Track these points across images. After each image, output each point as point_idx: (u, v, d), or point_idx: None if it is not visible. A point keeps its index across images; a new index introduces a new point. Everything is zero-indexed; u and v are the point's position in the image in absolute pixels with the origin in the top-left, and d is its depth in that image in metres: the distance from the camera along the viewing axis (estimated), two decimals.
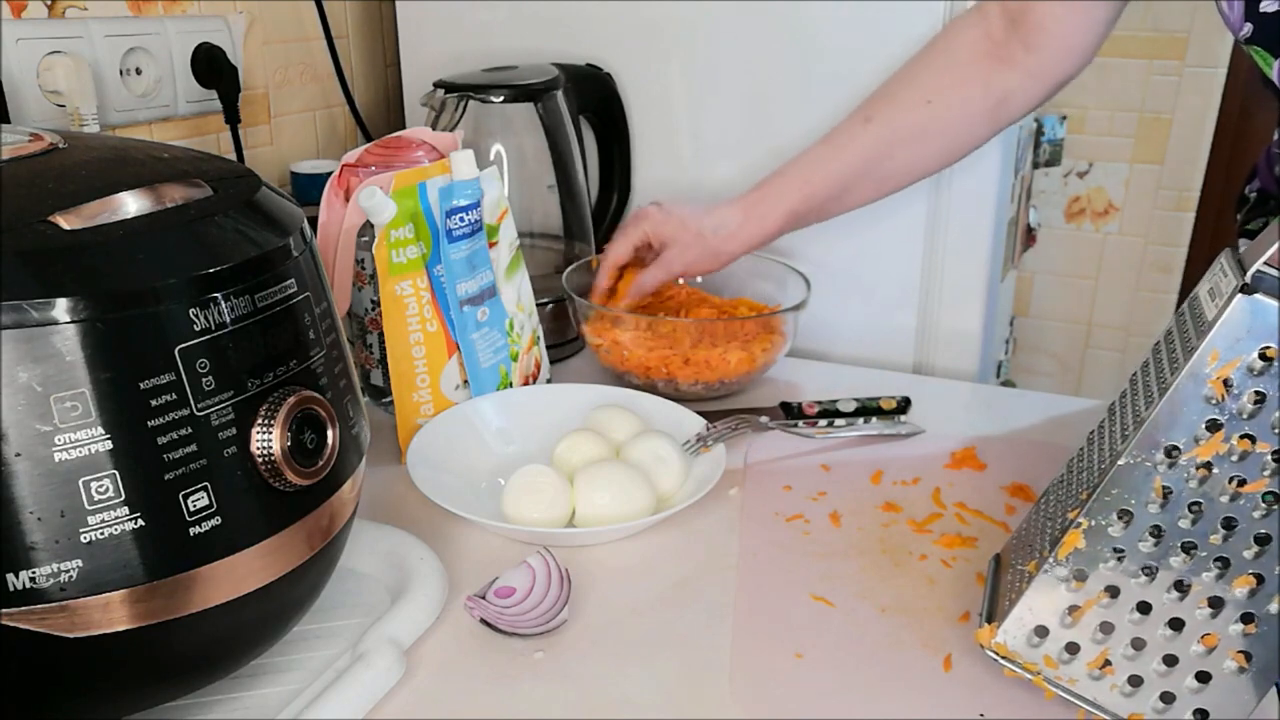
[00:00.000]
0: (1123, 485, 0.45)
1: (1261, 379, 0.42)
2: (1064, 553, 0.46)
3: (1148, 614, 0.46)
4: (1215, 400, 0.43)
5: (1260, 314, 0.42)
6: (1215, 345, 0.42)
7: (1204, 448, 0.43)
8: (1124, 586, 0.46)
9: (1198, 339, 0.43)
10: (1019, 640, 0.48)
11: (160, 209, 0.41)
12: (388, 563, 0.61)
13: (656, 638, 0.57)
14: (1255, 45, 0.62)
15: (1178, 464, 0.44)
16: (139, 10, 0.94)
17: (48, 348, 0.37)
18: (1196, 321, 0.44)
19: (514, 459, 0.72)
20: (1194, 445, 0.43)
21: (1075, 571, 0.46)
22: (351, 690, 0.49)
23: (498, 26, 1.08)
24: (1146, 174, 2.01)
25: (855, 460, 0.76)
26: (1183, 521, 0.44)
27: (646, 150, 1.06)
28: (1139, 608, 0.46)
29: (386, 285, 0.72)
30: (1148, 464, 0.44)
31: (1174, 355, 0.45)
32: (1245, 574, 0.44)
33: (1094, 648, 0.47)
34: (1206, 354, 0.42)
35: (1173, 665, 0.46)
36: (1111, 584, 0.46)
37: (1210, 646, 0.45)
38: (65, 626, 0.39)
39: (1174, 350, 0.45)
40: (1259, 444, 0.43)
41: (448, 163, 0.75)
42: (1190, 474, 0.44)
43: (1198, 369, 0.43)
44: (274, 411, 0.43)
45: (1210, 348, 0.42)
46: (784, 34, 0.96)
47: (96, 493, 0.38)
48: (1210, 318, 0.43)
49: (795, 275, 0.92)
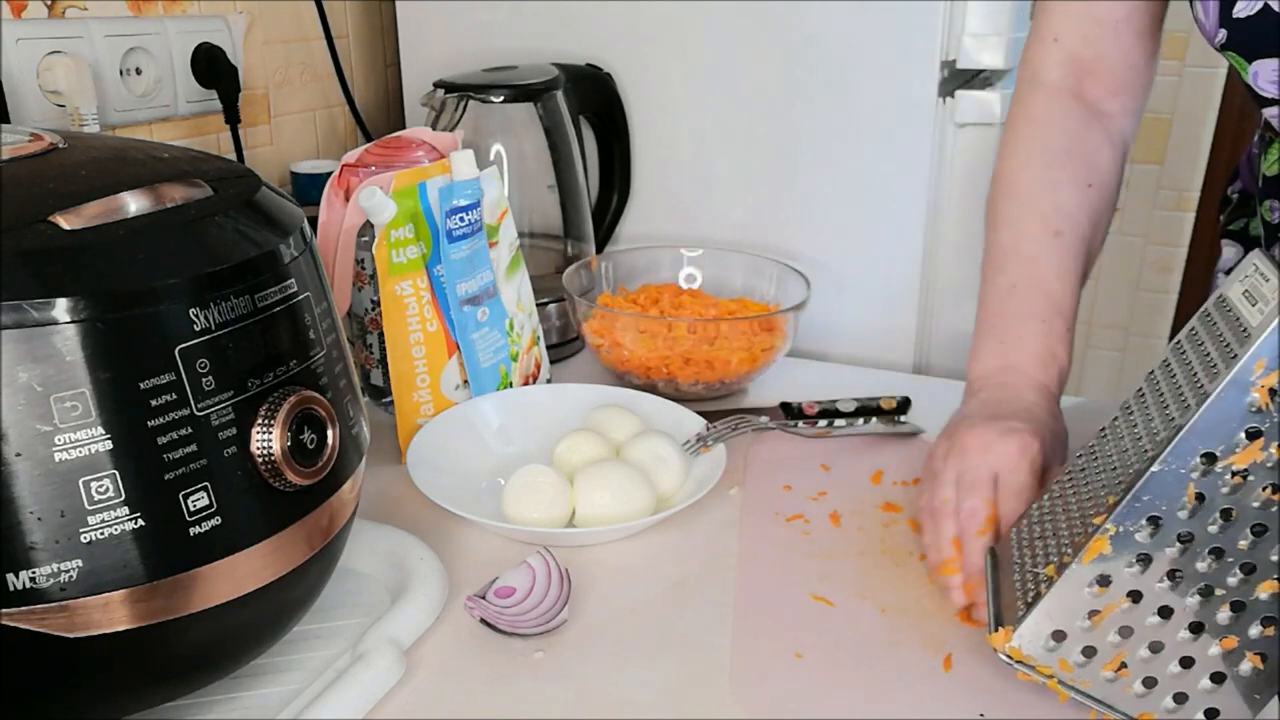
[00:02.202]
0: (1155, 492, 0.44)
1: None
2: (1089, 558, 0.46)
3: (1169, 618, 0.46)
4: (1259, 409, 0.42)
5: None
6: (1262, 354, 0.42)
7: (1242, 455, 0.43)
8: (1147, 591, 0.46)
9: (1239, 345, 0.42)
10: (1036, 645, 0.48)
11: (160, 209, 0.41)
12: (388, 563, 0.61)
13: (656, 638, 0.57)
14: (1230, 51, 0.62)
15: (1213, 471, 0.44)
16: (139, 10, 0.94)
17: (48, 348, 0.37)
18: (1233, 326, 0.44)
19: (514, 459, 0.72)
20: (1232, 452, 0.43)
21: (1099, 577, 0.46)
22: (351, 690, 0.49)
23: (498, 26, 1.07)
24: (1146, 174, 2.01)
25: (855, 460, 0.76)
26: (1212, 527, 0.44)
27: (646, 150, 1.06)
28: (1160, 612, 0.46)
29: (386, 285, 0.72)
30: (1182, 471, 0.44)
31: (1208, 360, 0.44)
32: (1271, 578, 0.44)
33: (1111, 651, 0.46)
34: (1253, 363, 0.42)
35: (1189, 667, 0.46)
36: (1135, 589, 0.46)
37: (1229, 649, 0.45)
38: (65, 626, 0.39)
39: (1206, 354, 0.45)
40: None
41: (448, 163, 0.75)
42: (1225, 480, 0.43)
43: (1242, 377, 0.42)
44: (274, 411, 0.43)
45: (1257, 356, 0.42)
46: (784, 34, 0.96)
47: (96, 493, 0.38)
48: (1254, 324, 0.42)
49: (795, 275, 0.92)
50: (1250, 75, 0.62)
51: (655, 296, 0.93)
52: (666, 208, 1.07)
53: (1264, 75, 0.61)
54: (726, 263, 0.98)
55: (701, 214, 1.05)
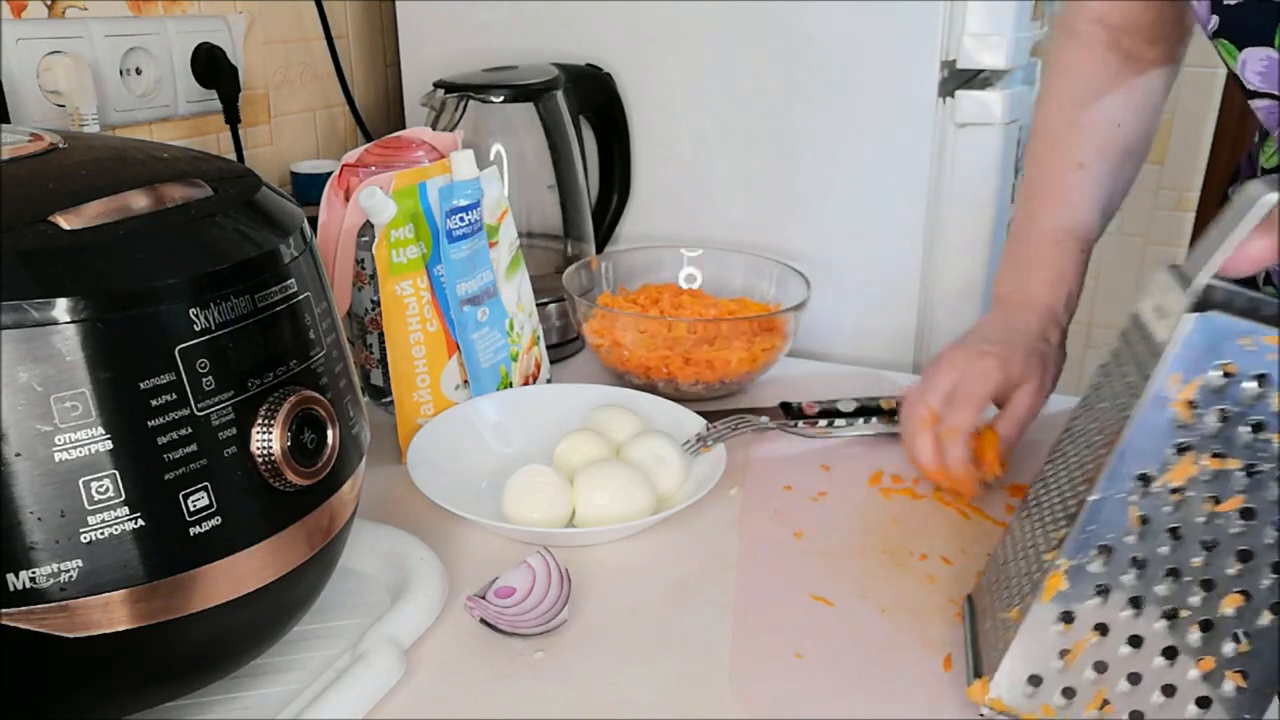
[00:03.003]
0: (1099, 521, 0.44)
1: (1224, 396, 0.41)
2: (1047, 596, 0.45)
3: (1140, 647, 0.45)
4: (1182, 424, 0.42)
5: (1216, 330, 0.41)
6: (1174, 369, 0.41)
7: (1175, 471, 0.42)
8: (1112, 622, 0.45)
9: (1154, 362, 0.42)
10: (1014, 693, 0.47)
11: (160, 209, 0.41)
12: (388, 563, 0.60)
13: (656, 638, 0.57)
14: (1221, 39, 0.62)
15: (1151, 491, 0.43)
16: (139, 10, 0.94)
17: (48, 348, 0.37)
18: (1148, 343, 0.43)
19: (514, 459, 0.72)
20: (1165, 470, 0.42)
21: (1061, 614, 0.45)
22: (351, 690, 0.49)
23: (498, 26, 1.08)
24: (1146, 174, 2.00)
25: (855, 460, 0.76)
26: (1163, 548, 0.43)
27: (646, 150, 1.06)
28: (1130, 641, 0.45)
29: (386, 285, 0.72)
30: (1120, 496, 0.43)
31: (1130, 380, 0.44)
32: (1232, 592, 0.43)
33: (1091, 688, 0.45)
34: (1166, 377, 0.41)
35: (1172, 695, 0.45)
36: (1100, 621, 0.45)
37: (1207, 670, 0.44)
38: (65, 626, 0.39)
39: (1127, 375, 0.44)
40: (1229, 460, 0.42)
41: (448, 163, 0.75)
42: (1165, 499, 0.43)
43: (1160, 393, 0.42)
44: (274, 411, 0.43)
45: (1170, 371, 0.41)
46: (784, 34, 0.96)
47: (96, 493, 0.38)
48: (1162, 339, 0.42)
49: (795, 275, 0.92)
50: (1239, 65, 0.61)
51: (655, 296, 0.93)
52: (666, 208, 1.07)
53: (1251, 65, 0.61)
54: (726, 263, 0.98)
55: (701, 214, 1.05)
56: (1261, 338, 0.40)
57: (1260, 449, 0.42)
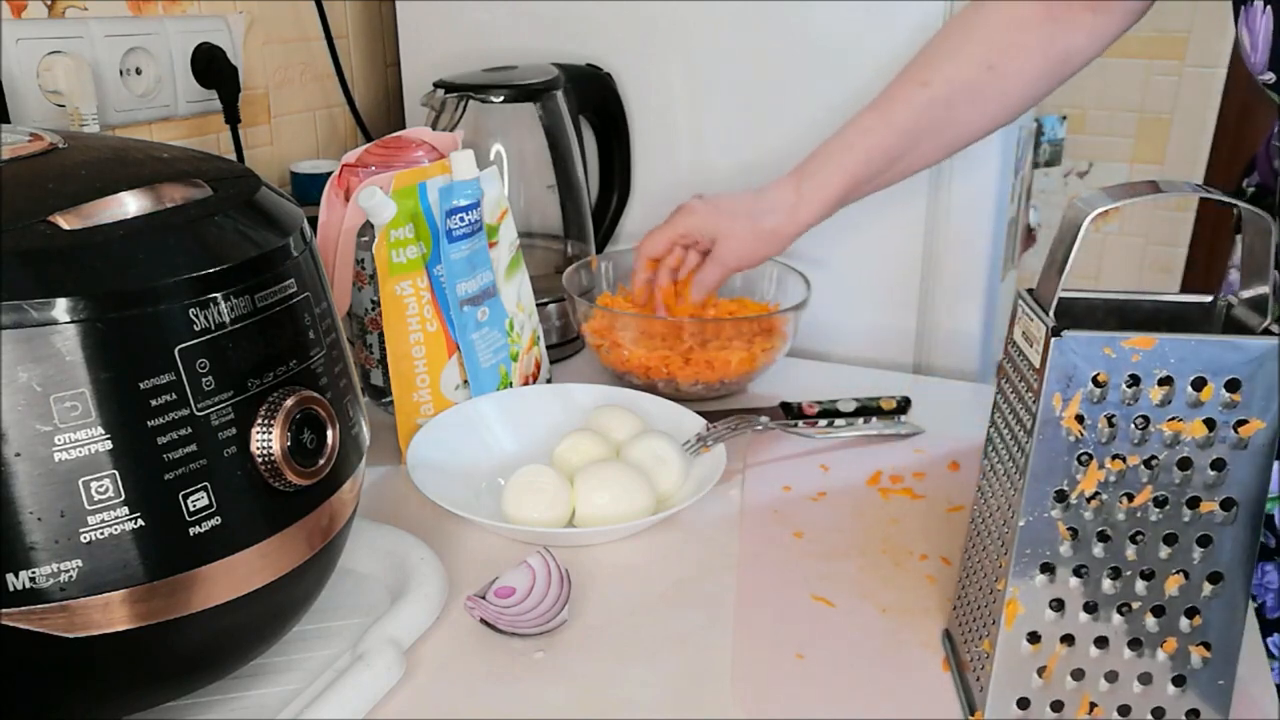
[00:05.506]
0: (1033, 542, 0.46)
1: (1105, 403, 0.44)
2: (1010, 623, 0.47)
3: (1107, 646, 0.47)
4: (1076, 437, 0.44)
5: (1078, 348, 0.43)
6: (1053, 389, 0.44)
7: (1085, 481, 0.45)
8: (1076, 630, 0.47)
9: (1038, 386, 0.44)
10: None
11: (160, 209, 0.41)
12: (388, 563, 0.61)
13: (656, 638, 0.57)
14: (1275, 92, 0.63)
15: (1070, 504, 0.45)
16: (139, 10, 0.94)
17: (48, 348, 0.37)
18: (1027, 368, 0.46)
19: (514, 459, 0.72)
20: (1076, 483, 0.45)
21: (1028, 635, 0.47)
22: (351, 690, 0.49)
23: (498, 26, 1.08)
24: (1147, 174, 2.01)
25: (855, 460, 0.76)
26: (1097, 552, 0.46)
27: (646, 150, 1.06)
28: (1097, 643, 0.47)
29: (386, 285, 0.72)
30: (1045, 515, 0.45)
31: (1020, 405, 0.47)
32: (1171, 574, 0.46)
33: (1075, 696, 0.48)
34: (1050, 399, 0.44)
35: (1149, 682, 0.47)
36: (1065, 633, 0.47)
37: (1172, 651, 0.46)
38: (65, 626, 0.39)
39: (1018, 400, 0.47)
40: (1129, 459, 0.44)
41: (448, 163, 0.75)
42: (1084, 508, 0.45)
43: (1048, 416, 0.44)
44: (274, 411, 0.43)
45: (1049, 393, 0.44)
46: (784, 34, 0.96)
47: (96, 493, 0.38)
48: (1036, 364, 0.44)
49: (795, 275, 0.92)
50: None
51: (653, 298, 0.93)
52: (666, 208, 1.07)
53: None
54: None
55: None
56: (1121, 342, 0.43)
57: (1151, 441, 0.44)
